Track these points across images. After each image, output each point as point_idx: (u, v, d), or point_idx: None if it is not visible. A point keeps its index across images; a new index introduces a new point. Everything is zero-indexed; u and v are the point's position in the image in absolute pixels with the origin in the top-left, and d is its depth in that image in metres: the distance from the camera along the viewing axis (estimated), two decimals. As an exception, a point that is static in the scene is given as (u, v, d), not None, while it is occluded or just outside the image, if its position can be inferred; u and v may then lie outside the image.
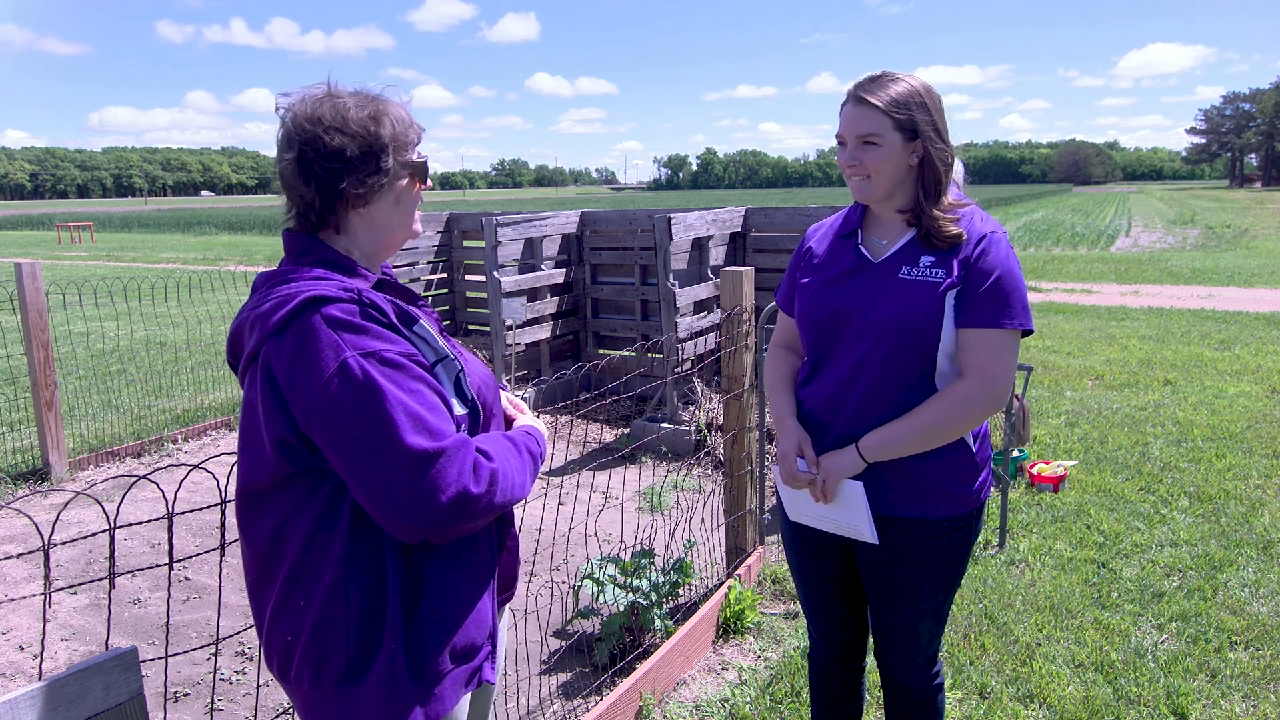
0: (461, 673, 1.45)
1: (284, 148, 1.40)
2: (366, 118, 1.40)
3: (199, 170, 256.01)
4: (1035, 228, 29.68)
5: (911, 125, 1.84)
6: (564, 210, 7.13)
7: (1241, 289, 13.05)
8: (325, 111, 1.38)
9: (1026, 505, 4.66)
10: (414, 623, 1.39)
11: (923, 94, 1.87)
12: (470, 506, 1.31)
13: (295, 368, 1.28)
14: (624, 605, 3.15)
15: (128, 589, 4.01)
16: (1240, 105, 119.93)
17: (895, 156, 1.85)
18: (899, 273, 1.88)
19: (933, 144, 1.86)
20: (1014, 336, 1.84)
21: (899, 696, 2.17)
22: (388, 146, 1.41)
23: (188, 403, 7.28)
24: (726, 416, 3.71)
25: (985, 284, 1.81)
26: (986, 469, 1.99)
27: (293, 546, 1.36)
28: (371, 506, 1.30)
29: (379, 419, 1.27)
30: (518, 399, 1.68)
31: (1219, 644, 3.27)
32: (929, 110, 1.86)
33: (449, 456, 1.29)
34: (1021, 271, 1.87)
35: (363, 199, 1.41)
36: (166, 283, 12.77)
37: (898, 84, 1.86)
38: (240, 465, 1.40)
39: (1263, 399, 6.64)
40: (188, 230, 42.47)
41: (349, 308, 1.32)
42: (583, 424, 6.54)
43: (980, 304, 1.82)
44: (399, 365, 1.31)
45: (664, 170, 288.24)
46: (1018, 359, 1.87)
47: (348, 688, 1.36)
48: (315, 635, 1.36)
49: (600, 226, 7.09)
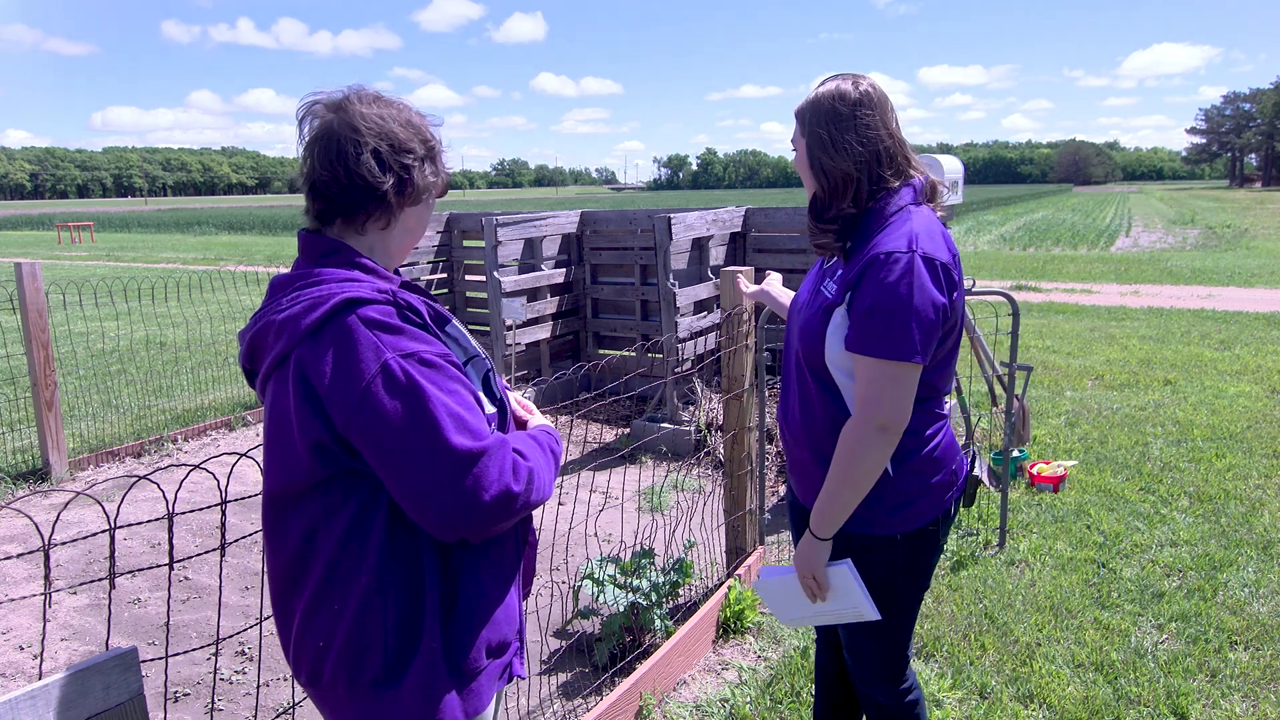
0: (495, 667, 1.46)
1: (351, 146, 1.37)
2: (422, 122, 1.45)
3: (199, 170, 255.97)
4: (1035, 228, 29.68)
5: (810, 132, 1.83)
6: (564, 210, 7.13)
7: (1241, 289, 13.05)
8: (386, 109, 1.41)
9: (1026, 505, 4.66)
10: (452, 621, 1.40)
11: (825, 100, 1.81)
12: (511, 505, 1.32)
13: (334, 370, 1.28)
14: (624, 605, 3.15)
15: (128, 589, 4.01)
16: (1240, 105, 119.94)
17: (802, 161, 1.88)
18: (821, 286, 1.91)
19: (818, 152, 1.81)
20: (889, 366, 1.69)
21: (870, 709, 2.15)
22: (436, 149, 1.46)
23: (188, 403, 7.28)
24: (726, 416, 3.71)
25: (863, 307, 1.72)
26: (921, 497, 1.87)
27: (325, 551, 1.36)
28: (413, 507, 1.30)
29: (423, 420, 1.27)
30: (527, 400, 1.68)
31: (1219, 644, 3.27)
32: (822, 115, 1.81)
33: (490, 455, 1.30)
34: (930, 296, 1.69)
35: (415, 197, 1.44)
36: (166, 283, 12.78)
37: (821, 87, 1.85)
38: (268, 470, 1.39)
39: (1263, 399, 6.64)
40: (188, 230, 42.47)
41: (386, 309, 1.32)
42: (583, 424, 6.55)
43: (855, 328, 1.74)
44: (437, 366, 1.31)
45: (664, 170, 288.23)
46: (908, 389, 1.72)
47: (386, 689, 1.36)
48: (351, 639, 1.35)
49: (600, 226, 7.10)
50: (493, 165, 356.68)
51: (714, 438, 5.62)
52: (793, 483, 2.09)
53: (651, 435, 5.69)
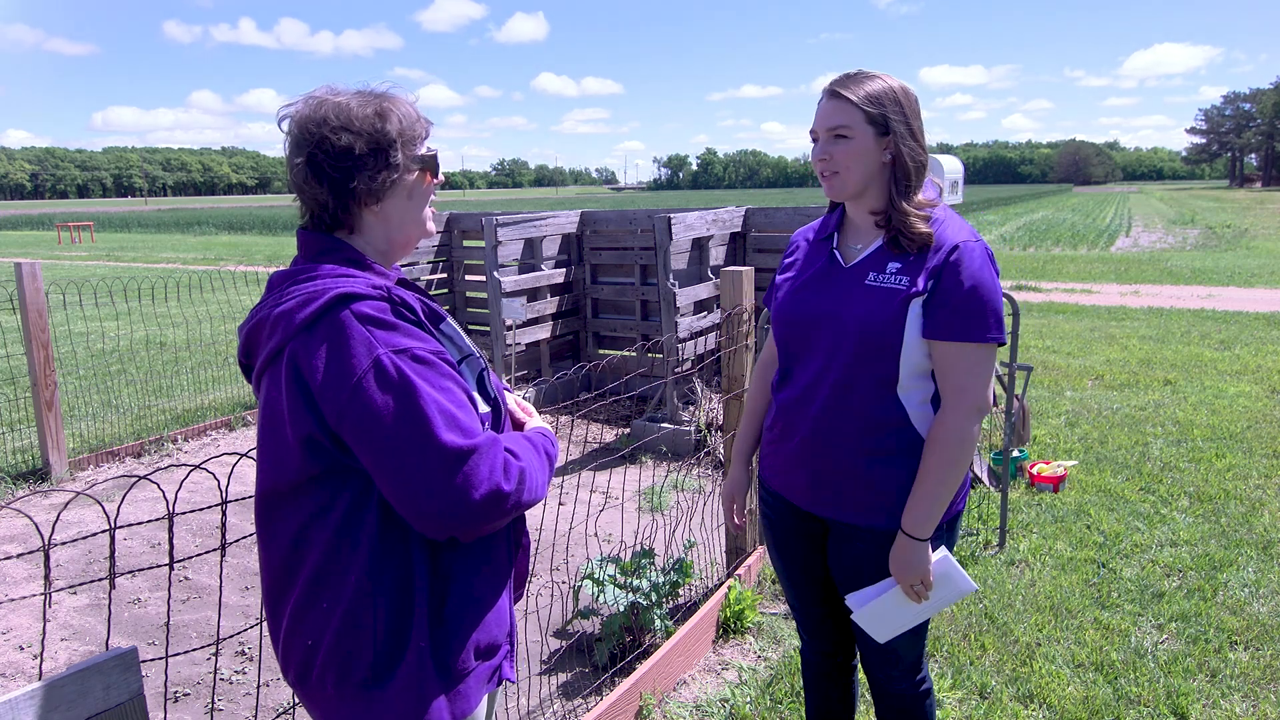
0: (484, 670, 1.46)
1: (293, 152, 1.40)
2: (372, 114, 1.40)
3: (199, 170, 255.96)
4: (1035, 228, 29.68)
5: (884, 121, 1.82)
6: (564, 210, 7.13)
7: (1241, 289, 13.05)
8: (329, 112, 1.38)
9: (1026, 505, 4.66)
10: (441, 621, 1.39)
11: (898, 93, 1.85)
12: (501, 504, 1.32)
13: (326, 365, 1.28)
14: (624, 605, 3.15)
15: (128, 589, 4.01)
16: (1240, 105, 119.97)
17: (866, 151, 1.83)
18: (866, 279, 1.86)
19: (904, 141, 1.84)
20: (985, 350, 1.79)
21: (885, 703, 2.16)
22: (395, 141, 1.41)
23: (188, 403, 7.28)
24: (726, 416, 3.71)
25: (957, 296, 1.77)
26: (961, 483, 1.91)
27: (316, 548, 1.35)
28: (402, 503, 1.30)
29: (414, 416, 1.27)
30: (525, 401, 1.68)
31: (1219, 644, 3.27)
32: (902, 108, 1.85)
33: (481, 454, 1.30)
34: (999, 281, 1.82)
35: (375, 196, 1.41)
36: (166, 283, 12.78)
37: (873, 81, 1.85)
38: (261, 467, 1.39)
39: (1263, 399, 6.64)
40: (188, 230, 42.47)
41: (380, 305, 1.32)
42: (583, 424, 6.55)
43: (952, 316, 1.77)
44: (430, 363, 1.31)
45: (664, 170, 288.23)
46: (993, 369, 1.84)
47: (374, 689, 1.36)
48: (340, 637, 1.35)
49: (600, 226, 7.10)
50: (493, 165, 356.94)
51: (714, 438, 5.62)
52: (796, 492, 2.03)
53: (651, 435, 5.69)
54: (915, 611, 1.93)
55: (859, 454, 1.88)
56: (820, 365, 1.90)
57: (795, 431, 1.97)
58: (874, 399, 1.85)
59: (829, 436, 1.90)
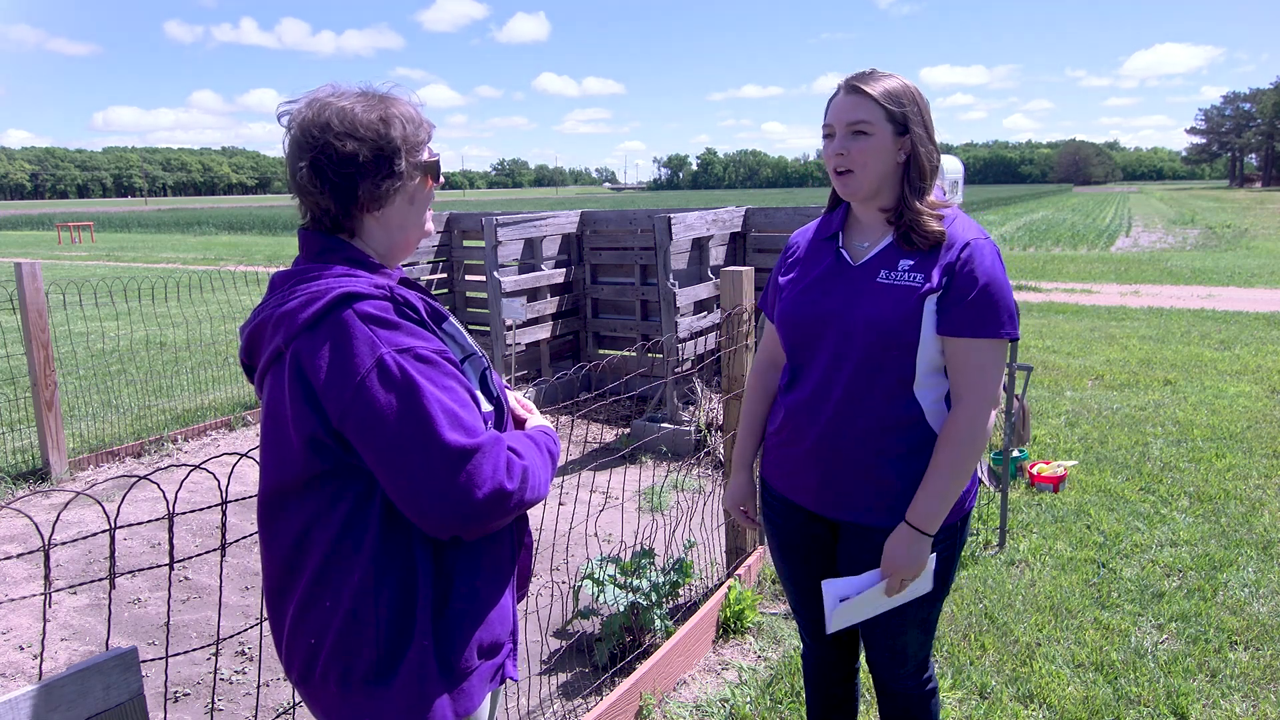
0: (487, 668, 1.46)
1: (295, 156, 1.39)
2: (376, 120, 1.39)
3: (199, 170, 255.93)
4: (1035, 228, 29.68)
5: (903, 119, 1.82)
6: (564, 210, 7.13)
7: (1241, 289, 13.05)
8: (332, 117, 1.37)
9: (1026, 505, 4.66)
10: (444, 619, 1.39)
11: (914, 93, 1.86)
12: (504, 503, 1.32)
13: (329, 364, 1.28)
14: (624, 605, 3.15)
15: (128, 589, 4.01)
16: (1240, 105, 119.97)
17: (883, 150, 1.82)
18: (877, 276, 1.84)
19: (922, 143, 1.84)
20: (999, 345, 1.80)
21: (891, 702, 2.16)
22: (400, 149, 1.40)
23: (188, 403, 7.28)
24: (726, 416, 3.71)
25: (971, 292, 1.77)
26: (970, 481, 1.91)
27: (320, 546, 1.35)
28: (405, 502, 1.30)
29: (417, 415, 1.27)
30: (526, 400, 1.68)
31: (1219, 644, 3.27)
32: (920, 109, 1.85)
33: (484, 453, 1.30)
34: (1008, 278, 1.83)
35: (378, 202, 1.41)
36: (166, 283, 12.78)
37: (890, 79, 1.85)
38: (264, 466, 1.39)
39: (1263, 399, 6.64)
40: (188, 230, 42.46)
41: (382, 304, 1.32)
42: (583, 424, 6.55)
43: (967, 313, 1.78)
44: (433, 362, 1.31)
45: (664, 170, 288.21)
46: (1005, 363, 1.84)
47: (377, 687, 1.36)
48: (343, 635, 1.35)
49: (600, 226, 7.10)
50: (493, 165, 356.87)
51: (714, 438, 5.62)
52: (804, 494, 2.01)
53: (651, 435, 5.69)
54: (876, 605, 1.93)
55: (873, 454, 1.87)
56: (831, 365, 1.88)
57: (806, 434, 1.94)
58: (890, 397, 1.84)
59: (843, 437, 1.89)
